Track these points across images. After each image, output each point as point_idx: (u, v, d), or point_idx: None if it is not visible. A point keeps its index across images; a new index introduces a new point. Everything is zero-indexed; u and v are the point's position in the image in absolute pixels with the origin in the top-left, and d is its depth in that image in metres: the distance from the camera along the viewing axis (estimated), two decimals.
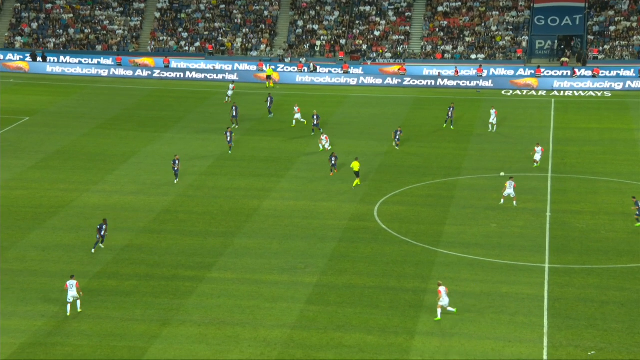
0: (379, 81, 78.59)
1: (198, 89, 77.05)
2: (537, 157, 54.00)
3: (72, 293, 35.10)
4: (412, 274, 39.25)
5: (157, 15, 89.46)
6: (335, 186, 50.56)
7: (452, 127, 63.22)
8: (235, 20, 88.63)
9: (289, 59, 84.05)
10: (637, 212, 44.90)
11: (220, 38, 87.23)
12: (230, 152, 56.82)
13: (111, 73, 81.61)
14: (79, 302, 35.37)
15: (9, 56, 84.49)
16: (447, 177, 52.43)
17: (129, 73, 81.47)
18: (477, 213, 46.70)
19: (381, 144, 59.45)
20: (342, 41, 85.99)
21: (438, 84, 77.69)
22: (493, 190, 49.68)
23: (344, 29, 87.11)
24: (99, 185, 50.92)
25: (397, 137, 58.05)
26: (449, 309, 34.98)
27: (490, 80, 77.47)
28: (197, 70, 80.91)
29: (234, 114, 63.32)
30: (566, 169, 54.58)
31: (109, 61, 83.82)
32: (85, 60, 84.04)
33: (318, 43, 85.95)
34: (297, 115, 63.74)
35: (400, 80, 78.22)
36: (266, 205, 47.85)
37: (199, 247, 42.19)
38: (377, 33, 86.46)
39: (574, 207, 47.87)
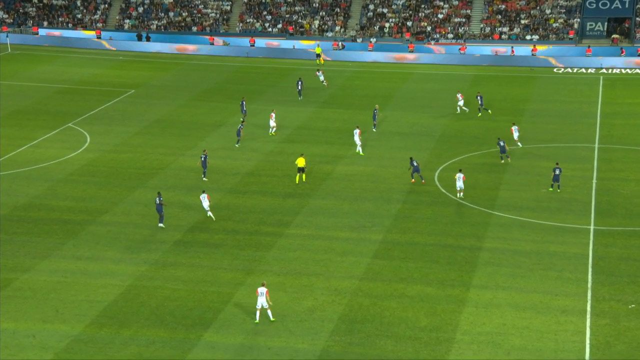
0: (441, 59, 77.07)
1: (279, 66, 76.94)
2: (515, 135, 48.25)
3: (205, 204, 39.03)
4: (468, 233, 38.68)
5: (245, 0, 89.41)
6: (400, 153, 50.00)
7: (480, 113, 57.47)
8: (314, 4, 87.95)
9: (361, 39, 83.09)
10: (554, 178, 43.09)
11: (300, 20, 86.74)
12: (237, 145, 51.07)
13: (205, 51, 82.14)
14: (210, 213, 39.35)
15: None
16: None
17: (220, 51, 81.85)
18: (528, 179, 45.59)
19: (442, 117, 58.41)
20: (409, 23, 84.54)
21: (495, 62, 75.78)
22: (544, 158, 48.40)
23: (410, 12, 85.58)
24: (193, 150, 51.48)
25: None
26: (269, 312, 30.51)
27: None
28: (279, 49, 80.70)
29: (243, 109, 57.12)
30: (612, 140, 52.74)
31: (203, 41, 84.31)
32: (182, 40, 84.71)
33: (387, 25, 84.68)
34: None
35: (460, 59, 76.55)
36: (338, 170, 47.65)
37: (278, 206, 42.36)
38: (440, 16, 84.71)
39: (619, 175, 46.31)
